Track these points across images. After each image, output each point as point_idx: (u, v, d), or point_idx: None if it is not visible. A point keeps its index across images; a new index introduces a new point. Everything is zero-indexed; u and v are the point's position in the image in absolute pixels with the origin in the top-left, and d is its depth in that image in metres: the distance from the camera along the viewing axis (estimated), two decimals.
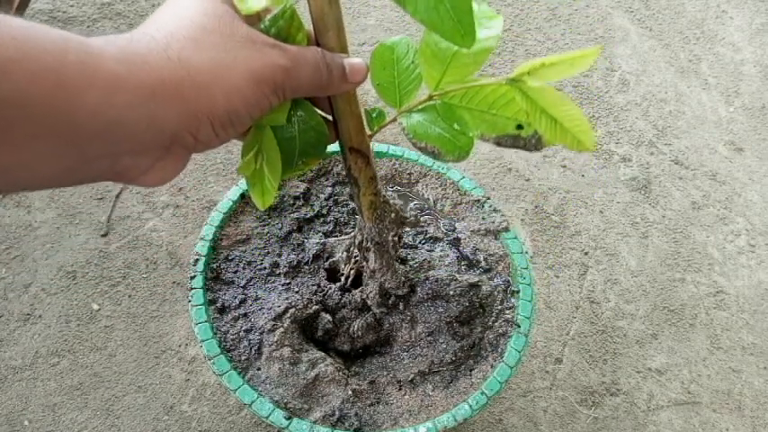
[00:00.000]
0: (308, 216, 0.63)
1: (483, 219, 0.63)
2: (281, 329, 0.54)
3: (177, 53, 0.28)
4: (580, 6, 1.33)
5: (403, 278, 0.56)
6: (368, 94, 1.07)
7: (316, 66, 0.33)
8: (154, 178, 0.31)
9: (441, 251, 0.62)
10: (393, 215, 0.47)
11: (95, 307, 0.81)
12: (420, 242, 0.63)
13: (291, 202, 0.63)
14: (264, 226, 0.61)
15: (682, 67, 1.25)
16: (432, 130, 0.38)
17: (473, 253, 0.61)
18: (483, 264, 0.61)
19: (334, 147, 0.63)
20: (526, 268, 0.59)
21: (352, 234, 0.52)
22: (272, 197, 0.38)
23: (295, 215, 0.63)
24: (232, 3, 0.31)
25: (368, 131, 0.41)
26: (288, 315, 0.55)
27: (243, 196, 0.62)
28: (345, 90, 0.36)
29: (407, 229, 0.50)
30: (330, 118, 0.39)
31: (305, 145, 0.37)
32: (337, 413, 0.51)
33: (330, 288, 0.58)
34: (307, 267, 0.60)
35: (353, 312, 0.57)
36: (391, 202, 0.46)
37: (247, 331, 0.54)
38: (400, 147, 0.68)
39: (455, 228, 0.63)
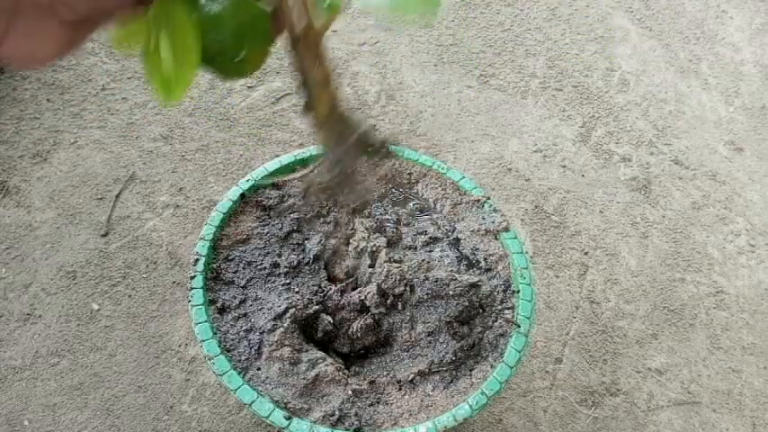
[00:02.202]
0: (308, 216, 0.63)
1: (483, 219, 0.63)
2: (281, 329, 0.54)
3: None
4: (580, 6, 1.33)
5: (399, 276, 0.56)
6: None
7: None
8: (16, 49, 0.23)
9: (440, 251, 0.62)
10: (355, 137, 0.36)
11: (95, 307, 0.81)
12: (420, 242, 0.63)
13: (292, 202, 0.63)
14: (264, 226, 0.61)
15: (682, 67, 1.25)
16: None
17: (473, 253, 0.61)
18: (483, 264, 0.61)
19: None
20: (526, 268, 0.59)
21: (310, 167, 0.40)
22: (183, 90, 0.29)
23: (295, 215, 0.63)
24: None
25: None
26: (288, 315, 0.55)
27: (243, 196, 0.62)
28: None
29: (378, 158, 0.38)
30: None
31: (240, 27, 0.30)
32: (337, 413, 0.51)
33: (330, 289, 0.58)
34: (307, 268, 0.60)
35: (353, 314, 0.57)
36: (354, 119, 0.36)
37: (247, 331, 0.54)
38: (400, 147, 0.68)
39: (455, 228, 0.63)
